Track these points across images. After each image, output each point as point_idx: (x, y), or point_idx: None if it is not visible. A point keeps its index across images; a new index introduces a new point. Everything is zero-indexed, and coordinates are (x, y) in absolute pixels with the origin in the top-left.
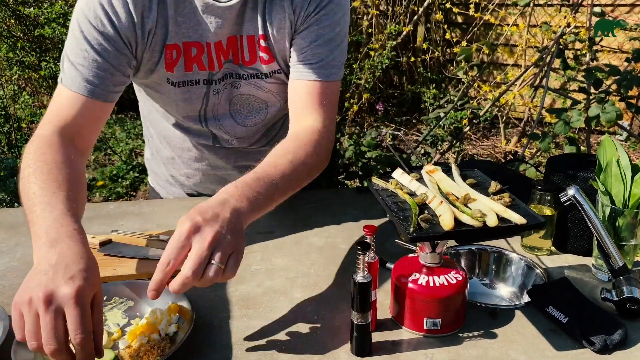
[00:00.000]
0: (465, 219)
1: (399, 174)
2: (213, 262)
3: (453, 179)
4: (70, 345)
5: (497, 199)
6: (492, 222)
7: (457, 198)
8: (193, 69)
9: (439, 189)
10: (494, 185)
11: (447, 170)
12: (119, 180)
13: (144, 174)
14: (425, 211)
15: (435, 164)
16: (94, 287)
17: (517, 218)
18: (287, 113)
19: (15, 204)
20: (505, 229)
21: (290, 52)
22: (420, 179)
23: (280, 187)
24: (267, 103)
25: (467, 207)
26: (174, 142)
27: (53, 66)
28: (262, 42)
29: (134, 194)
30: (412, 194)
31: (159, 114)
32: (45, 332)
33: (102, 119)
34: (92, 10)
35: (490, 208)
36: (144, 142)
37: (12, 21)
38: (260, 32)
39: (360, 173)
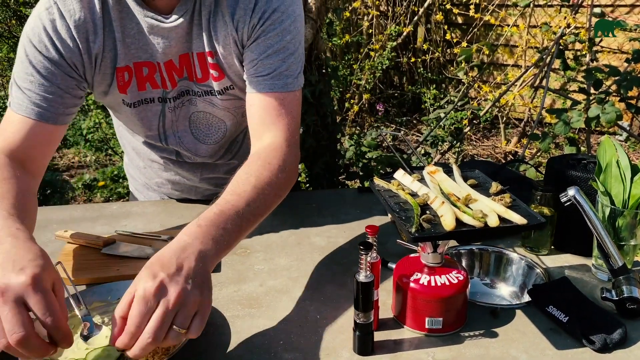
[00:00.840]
0: (466, 219)
1: (400, 175)
2: (175, 327)
3: (454, 180)
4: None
5: (498, 200)
6: (493, 222)
7: (459, 198)
8: (146, 88)
9: (441, 189)
10: (494, 186)
11: (449, 171)
12: (120, 180)
13: None
14: (427, 211)
15: (436, 164)
16: (51, 274)
17: (517, 218)
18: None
19: None
20: (506, 229)
21: (241, 67)
22: (422, 180)
23: (246, 216)
24: (224, 121)
25: (469, 207)
26: (142, 154)
27: None
28: (210, 59)
29: None
30: (413, 195)
31: (125, 129)
32: (8, 323)
33: (54, 141)
34: (37, 35)
35: (491, 208)
36: None
37: (13, 22)
38: (207, 49)
39: (361, 173)
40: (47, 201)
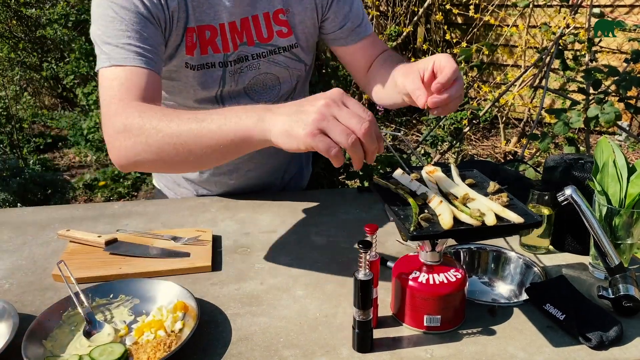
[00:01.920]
0: (464, 218)
1: (399, 174)
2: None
3: (452, 179)
4: None
5: (496, 199)
6: (490, 221)
7: (456, 198)
8: (208, 52)
9: (439, 188)
10: (492, 185)
11: (447, 171)
12: (121, 180)
13: (145, 174)
14: (425, 210)
15: (435, 164)
16: None
17: (514, 217)
18: (295, 91)
19: (19, 204)
20: (503, 228)
21: (318, 25)
22: (421, 179)
23: None
24: (279, 79)
25: (466, 206)
26: None
27: (54, 67)
28: (280, 16)
29: (136, 194)
30: (412, 194)
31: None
32: (354, 117)
33: (161, 92)
34: None
35: (488, 207)
36: None
37: (14, 22)
38: (279, 6)
39: (360, 173)
40: (47, 201)
